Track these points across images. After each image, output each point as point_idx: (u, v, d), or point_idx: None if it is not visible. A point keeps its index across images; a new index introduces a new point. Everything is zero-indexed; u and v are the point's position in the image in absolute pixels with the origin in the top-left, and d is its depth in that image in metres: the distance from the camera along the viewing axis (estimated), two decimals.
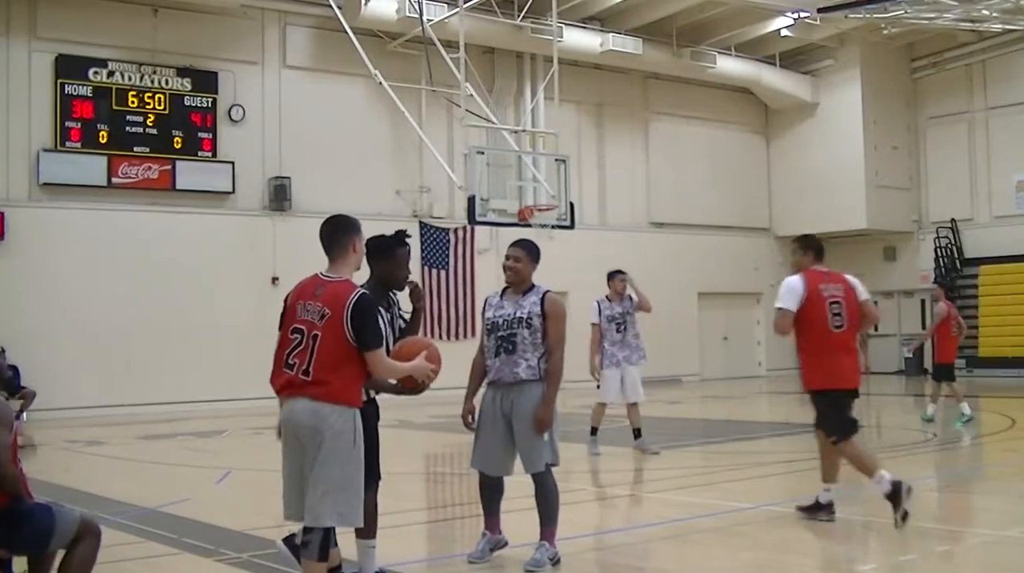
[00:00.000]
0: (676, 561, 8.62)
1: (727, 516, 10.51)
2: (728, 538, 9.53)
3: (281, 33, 27.58)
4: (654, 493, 12.04)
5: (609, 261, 30.89)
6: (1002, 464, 15.07)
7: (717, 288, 35.05)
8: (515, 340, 8.00)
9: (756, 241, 36.35)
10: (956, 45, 34.85)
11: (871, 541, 9.45)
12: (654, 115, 34.48)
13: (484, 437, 8.17)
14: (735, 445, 15.53)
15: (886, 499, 9.08)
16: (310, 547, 6.40)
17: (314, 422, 6.36)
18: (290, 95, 27.43)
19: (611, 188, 33.01)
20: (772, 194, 37.12)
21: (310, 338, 6.44)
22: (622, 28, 31.15)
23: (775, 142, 37.13)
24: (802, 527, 10.02)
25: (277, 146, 27.01)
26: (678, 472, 13.68)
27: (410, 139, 28.17)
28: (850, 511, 10.39)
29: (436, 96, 28.43)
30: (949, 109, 35.62)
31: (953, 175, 35.25)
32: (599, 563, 8.78)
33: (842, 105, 35.07)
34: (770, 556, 8.77)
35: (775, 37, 33.61)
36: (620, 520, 10.75)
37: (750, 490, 12.19)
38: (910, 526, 9.05)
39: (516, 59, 30.78)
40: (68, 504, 6.63)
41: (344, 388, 6.47)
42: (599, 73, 32.59)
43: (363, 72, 26.85)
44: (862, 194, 34.40)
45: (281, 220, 26.30)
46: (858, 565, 8.36)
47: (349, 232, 6.81)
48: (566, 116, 29.97)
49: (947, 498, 12.15)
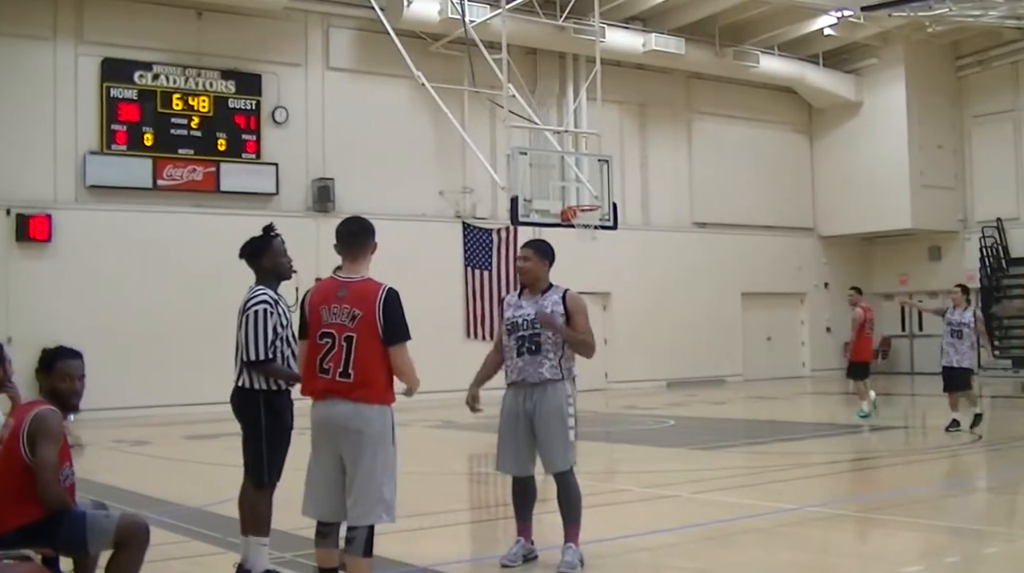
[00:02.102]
0: (718, 562, 8.60)
1: (770, 517, 10.49)
2: (771, 539, 9.52)
3: (324, 35, 27.70)
4: (698, 494, 12.02)
5: (652, 261, 31.26)
6: None
7: (760, 288, 34.92)
8: (539, 340, 8.02)
9: (800, 241, 36.18)
10: (1002, 43, 34.53)
11: (916, 543, 9.40)
12: (697, 115, 34.39)
13: (507, 439, 8.18)
14: (779, 446, 15.50)
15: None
16: (355, 544, 6.49)
17: (358, 424, 6.50)
18: (333, 97, 27.55)
19: (654, 188, 32.96)
20: (816, 194, 36.93)
21: (343, 341, 6.56)
22: (664, 28, 31.09)
23: (819, 141, 36.94)
24: (845, 528, 10.00)
25: (321, 148, 27.14)
26: (721, 473, 13.66)
27: (453, 140, 28.20)
28: (894, 513, 10.37)
29: (479, 97, 28.44)
30: (995, 107, 35.31)
31: (999, 174, 34.94)
32: (642, 564, 8.77)
33: (886, 104, 34.86)
34: (813, 557, 8.76)
35: (818, 36, 33.44)
36: (664, 521, 10.73)
37: (793, 491, 12.17)
38: (954, 527, 9.00)
39: (559, 59, 30.78)
40: (114, 504, 6.71)
41: (385, 387, 6.61)
42: (642, 73, 32.54)
43: (406, 73, 26.89)
44: (907, 193, 34.17)
45: (325, 221, 26.38)
46: (903, 567, 8.31)
47: (368, 234, 6.95)
48: (609, 116, 29.93)
49: (993, 500, 12.08)
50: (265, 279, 7.86)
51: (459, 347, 26.55)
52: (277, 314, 7.61)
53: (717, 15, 31.24)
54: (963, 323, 17.37)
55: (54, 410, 6.32)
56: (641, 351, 31.02)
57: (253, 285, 7.81)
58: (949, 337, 17.54)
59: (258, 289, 7.75)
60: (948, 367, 17.60)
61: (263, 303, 7.57)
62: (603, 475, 14.20)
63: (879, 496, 11.67)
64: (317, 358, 6.63)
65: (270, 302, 7.60)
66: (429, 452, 16.35)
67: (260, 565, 7.58)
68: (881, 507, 10.86)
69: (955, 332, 17.45)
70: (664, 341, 31.45)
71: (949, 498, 11.74)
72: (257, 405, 7.51)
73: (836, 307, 34.09)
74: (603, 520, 10.25)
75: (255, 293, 7.70)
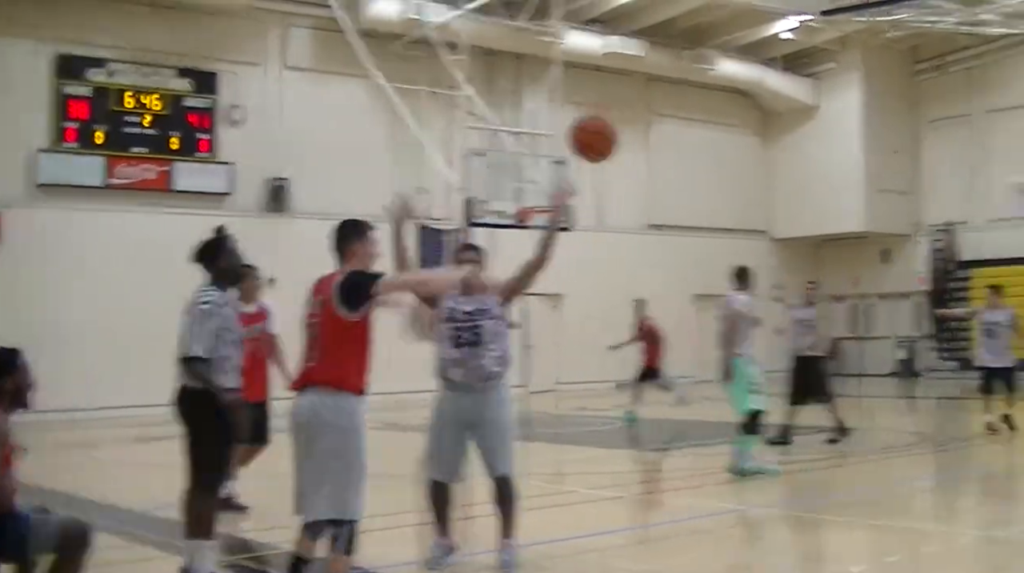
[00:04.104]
0: (665, 563, 8.64)
1: (717, 518, 10.54)
2: (717, 540, 9.56)
3: (283, 34, 27.57)
4: (646, 495, 12.06)
5: (605, 263, 31.27)
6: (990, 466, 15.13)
7: (714, 290, 34.74)
8: (479, 331, 7.92)
9: (754, 243, 36.26)
10: (958, 48, 34.82)
11: (859, 543, 9.48)
12: (655, 117, 34.48)
13: (445, 445, 8.01)
14: (726, 447, 15.49)
15: None
16: (339, 541, 6.53)
17: (309, 416, 6.54)
18: (290, 96, 27.42)
19: (610, 190, 32.94)
20: (771, 196, 37.09)
21: (314, 328, 6.69)
22: (624, 30, 31.17)
23: (775, 144, 37.14)
24: (790, 529, 10.07)
25: (276, 148, 26.92)
26: (669, 474, 13.70)
27: (410, 141, 28.06)
28: (838, 514, 10.44)
29: (436, 98, 28.38)
30: (950, 112, 35.59)
31: (951, 178, 35.21)
32: (590, 565, 8.77)
33: (842, 108, 35.11)
34: (757, 558, 8.82)
35: (777, 40, 33.66)
36: (611, 522, 10.76)
37: (740, 492, 12.22)
38: (898, 527, 9.07)
39: (517, 60, 30.77)
40: (58, 508, 6.64)
41: (352, 375, 6.60)
42: (600, 75, 32.55)
43: (364, 73, 26.81)
44: (861, 197, 34.44)
45: (280, 222, 26.31)
46: (846, 566, 8.38)
47: (351, 237, 7.04)
48: (566, 118, 29.69)
49: (937, 499, 12.20)
50: (218, 281, 7.83)
51: (406, 348, 26.42)
52: (221, 317, 7.55)
53: (677, 18, 31.37)
54: (995, 322, 17.46)
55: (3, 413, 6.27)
56: (592, 352, 30.93)
57: (202, 286, 7.75)
58: (983, 337, 17.72)
59: (206, 290, 7.72)
60: (985, 367, 17.66)
61: (207, 303, 7.54)
62: (552, 477, 14.23)
63: (825, 497, 11.76)
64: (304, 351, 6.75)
65: (215, 303, 7.55)
66: (372, 454, 16.27)
67: (205, 569, 7.53)
68: (826, 508, 10.94)
69: (988, 330, 17.57)
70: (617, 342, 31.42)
71: (893, 499, 11.82)
72: (199, 406, 7.45)
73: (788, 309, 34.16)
74: (551, 521, 10.27)
75: (201, 294, 7.67)
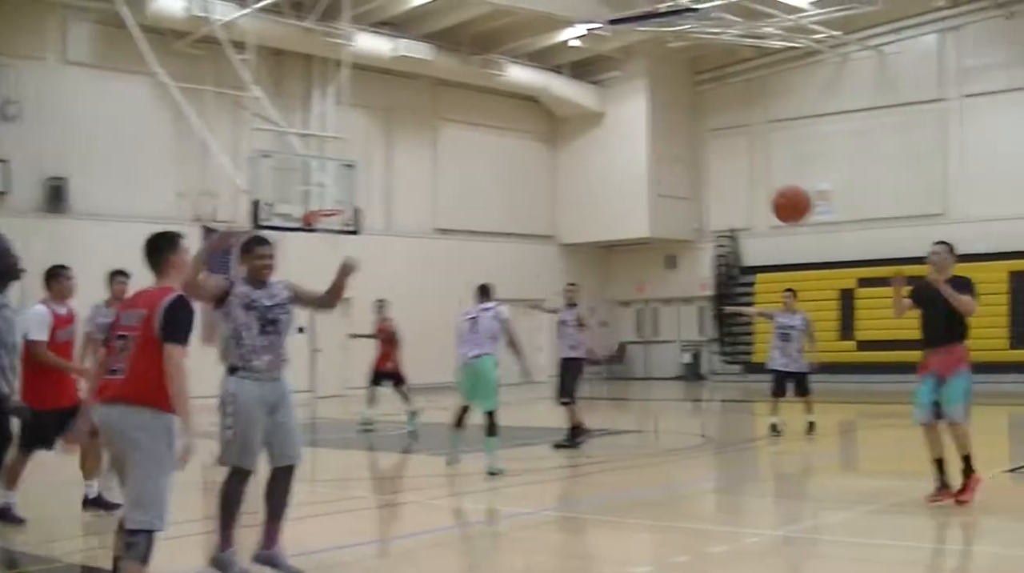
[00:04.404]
0: (454, 568, 8.64)
1: (506, 521, 10.61)
2: (506, 543, 9.62)
3: (62, 27, 26.61)
4: (434, 500, 12.06)
5: (393, 267, 31.18)
6: (774, 467, 15.58)
7: (501, 295, 34.94)
8: (280, 326, 8.08)
9: (541, 248, 36.67)
10: (739, 60, 35.91)
11: (646, 544, 9.64)
12: (443, 121, 34.52)
13: (250, 432, 7.82)
14: (513, 451, 15.63)
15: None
16: (132, 549, 6.40)
17: (122, 426, 6.43)
18: (71, 92, 26.44)
19: (398, 194, 32.89)
20: (557, 202, 37.51)
21: (130, 341, 6.54)
22: (413, 34, 31.13)
23: (562, 151, 37.59)
24: (578, 531, 10.19)
25: (55, 145, 25.95)
26: (458, 478, 13.71)
27: (195, 141, 27.50)
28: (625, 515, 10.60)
29: (223, 97, 27.88)
30: (730, 122, 36.67)
31: (733, 186, 36.28)
32: (378, 571, 8.74)
33: (627, 115, 35.75)
34: (545, 560, 8.87)
35: (565, 47, 34.06)
36: (401, 527, 10.74)
37: (529, 495, 12.32)
38: (683, 528, 9.25)
39: (305, 62, 30.43)
40: None
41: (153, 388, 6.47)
42: (389, 78, 32.45)
43: (148, 71, 26.13)
44: (645, 203, 35.11)
45: (58, 222, 25.46)
46: (633, 568, 8.50)
47: (165, 250, 6.91)
48: (355, 121, 29.82)
49: (720, 500, 12.49)
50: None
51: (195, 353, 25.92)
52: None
53: (466, 23, 31.49)
54: (791, 326, 17.61)
55: None
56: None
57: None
58: (778, 340, 17.71)
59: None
60: (779, 371, 17.68)
61: None
62: (339, 482, 14.12)
63: (611, 499, 11.91)
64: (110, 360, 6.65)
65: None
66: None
67: None
68: (613, 509, 11.09)
69: (783, 335, 17.66)
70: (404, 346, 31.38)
71: (679, 500, 12.07)
72: None
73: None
74: (339, 528, 10.19)
75: None
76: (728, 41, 33.33)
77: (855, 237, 32.59)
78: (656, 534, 9.88)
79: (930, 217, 31.59)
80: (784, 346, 17.56)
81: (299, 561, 7.90)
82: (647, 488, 12.71)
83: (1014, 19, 30.93)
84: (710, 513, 11.63)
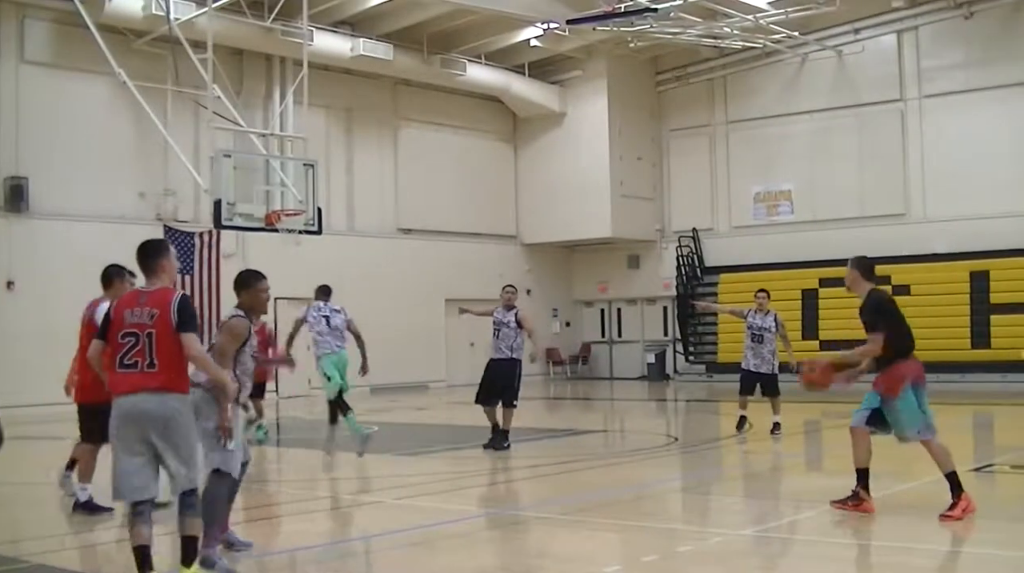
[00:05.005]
0: (421, 567, 8.57)
1: (473, 521, 10.56)
2: (473, 543, 9.57)
3: (19, 26, 26.35)
4: (401, 500, 11.99)
5: (356, 267, 31.07)
6: (740, 466, 15.61)
7: (464, 294, 34.95)
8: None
9: (504, 248, 36.66)
10: (699, 60, 36.02)
11: (615, 544, 9.61)
12: (404, 121, 34.43)
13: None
14: (480, 451, 15.62)
15: None
16: (194, 507, 7.48)
17: (162, 411, 7.28)
18: (29, 92, 26.19)
19: (359, 194, 32.78)
20: (519, 202, 37.52)
21: (144, 337, 7.35)
22: (374, 33, 31.05)
23: (523, 151, 37.58)
24: (546, 531, 10.15)
25: (14, 145, 25.72)
26: (424, 478, 13.66)
27: (155, 140, 27.29)
28: (594, 515, 10.58)
29: (183, 97, 27.68)
30: (691, 122, 36.79)
31: (694, 186, 36.40)
32: (345, 571, 8.67)
33: (589, 115, 35.76)
34: (513, 560, 8.84)
35: (525, 47, 34.04)
36: (367, 527, 10.66)
37: (496, 495, 12.29)
38: (651, 527, 9.22)
39: (266, 61, 30.30)
40: None
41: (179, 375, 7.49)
42: (349, 78, 32.37)
43: (107, 70, 25.90)
44: (607, 203, 35.11)
45: (18, 222, 25.20)
46: (602, 567, 8.47)
47: (158, 255, 7.72)
48: (315, 121, 29.67)
49: (687, 499, 12.48)
50: None
51: None
52: None
53: (426, 22, 31.42)
54: (764, 328, 17.59)
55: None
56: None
57: None
58: (750, 341, 17.68)
59: None
60: (749, 371, 17.69)
61: None
62: (305, 483, 14.04)
63: (580, 498, 11.89)
64: (119, 356, 7.38)
65: None
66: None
67: None
68: (582, 509, 11.06)
69: (756, 337, 17.64)
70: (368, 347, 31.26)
71: (647, 499, 12.06)
72: None
73: (538, 315, 34.55)
74: (305, 528, 10.13)
75: None
76: (688, 41, 33.44)
77: (816, 237, 32.70)
78: (625, 534, 9.85)
79: (891, 217, 31.89)
80: (756, 347, 17.55)
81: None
82: (614, 488, 12.69)
83: (972, 19, 31.13)
84: (678, 512, 11.64)
